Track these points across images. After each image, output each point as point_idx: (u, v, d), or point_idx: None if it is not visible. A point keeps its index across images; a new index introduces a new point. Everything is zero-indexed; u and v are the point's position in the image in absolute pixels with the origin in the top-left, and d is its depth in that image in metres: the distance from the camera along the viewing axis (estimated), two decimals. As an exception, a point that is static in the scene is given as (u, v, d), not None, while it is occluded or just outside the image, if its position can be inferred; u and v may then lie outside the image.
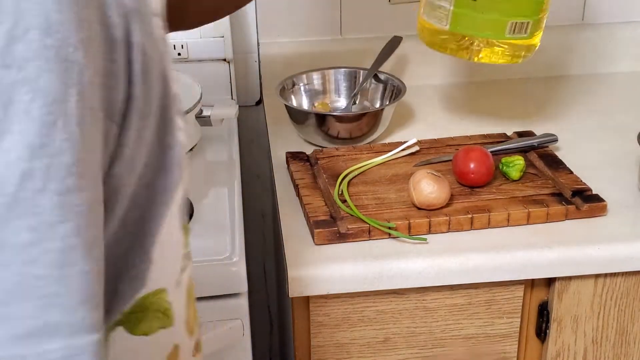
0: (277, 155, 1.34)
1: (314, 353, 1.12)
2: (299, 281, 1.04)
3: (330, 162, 1.26)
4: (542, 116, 1.46)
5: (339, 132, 1.32)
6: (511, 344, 1.15)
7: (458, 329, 1.13)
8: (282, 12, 1.57)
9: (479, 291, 1.11)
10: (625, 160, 1.29)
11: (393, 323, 1.11)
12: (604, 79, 1.64)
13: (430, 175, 1.11)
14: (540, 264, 1.07)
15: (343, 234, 1.09)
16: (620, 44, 1.64)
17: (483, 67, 1.63)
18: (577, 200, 1.14)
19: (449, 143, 1.31)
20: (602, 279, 1.11)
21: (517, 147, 1.28)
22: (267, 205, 1.74)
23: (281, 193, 1.22)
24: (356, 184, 1.20)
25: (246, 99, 1.64)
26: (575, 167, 1.24)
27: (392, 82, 1.42)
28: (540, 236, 1.10)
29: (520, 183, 1.19)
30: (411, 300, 1.10)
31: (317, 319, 1.10)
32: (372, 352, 1.13)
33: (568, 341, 1.15)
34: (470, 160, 1.16)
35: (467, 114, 1.49)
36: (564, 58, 1.64)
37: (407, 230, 1.09)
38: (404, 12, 1.59)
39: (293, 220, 1.15)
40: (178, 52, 1.48)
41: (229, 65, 1.51)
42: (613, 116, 1.46)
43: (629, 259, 1.08)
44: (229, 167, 1.33)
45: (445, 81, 1.63)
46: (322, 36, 1.59)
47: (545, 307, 1.14)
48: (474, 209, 1.12)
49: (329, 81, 1.47)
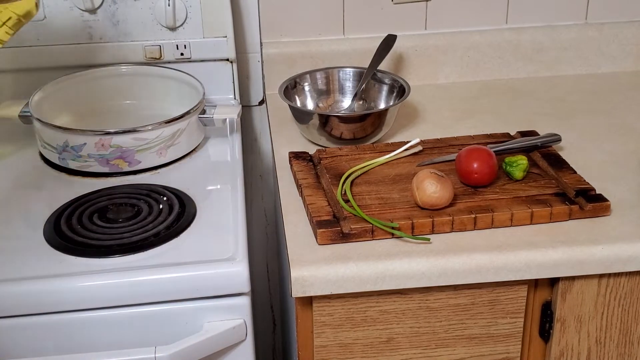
0: (280, 155, 1.34)
1: (317, 353, 1.12)
2: (302, 281, 1.04)
3: (333, 162, 1.26)
4: (545, 116, 1.46)
5: (342, 132, 1.32)
6: (514, 344, 1.15)
7: (461, 329, 1.13)
8: (284, 12, 1.57)
9: (483, 291, 1.10)
10: (629, 160, 1.29)
11: (396, 323, 1.11)
12: (607, 78, 1.63)
13: (434, 175, 1.11)
14: (544, 264, 1.07)
15: (346, 233, 1.08)
16: (623, 44, 1.64)
17: (486, 67, 1.63)
18: (581, 200, 1.14)
19: (452, 143, 1.31)
20: (605, 279, 1.11)
21: (520, 146, 1.28)
22: (270, 205, 1.74)
23: (284, 193, 1.22)
24: (359, 184, 1.20)
25: (249, 99, 1.64)
26: (579, 166, 1.24)
27: (396, 82, 1.42)
28: (543, 236, 1.09)
29: (523, 183, 1.18)
30: (414, 300, 1.10)
31: (320, 319, 1.10)
32: (376, 352, 1.13)
33: (572, 341, 1.15)
34: (474, 160, 1.16)
35: (470, 113, 1.49)
36: (568, 57, 1.64)
37: (410, 230, 1.09)
38: (407, 12, 1.59)
39: (296, 220, 1.15)
40: (181, 52, 1.48)
41: (232, 65, 1.52)
42: (616, 116, 1.46)
43: (632, 259, 1.08)
44: (232, 167, 1.33)
45: (448, 81, 1.63)
46: (325, 36, 1.59)
47: (548, 307, 1.14)
48: (477, 208, 1.12)
49: (333, 81, 1.47)
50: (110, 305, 1.05)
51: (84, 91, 1.46)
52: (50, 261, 1.08)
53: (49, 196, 1.26)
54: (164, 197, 1.22)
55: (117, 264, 1.08)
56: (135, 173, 1.30)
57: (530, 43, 1.62)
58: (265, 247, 1.78)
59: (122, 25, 1.47)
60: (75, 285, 1.04)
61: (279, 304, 1.82)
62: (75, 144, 1.28)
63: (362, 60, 1.55)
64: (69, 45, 1.44)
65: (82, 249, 1.10)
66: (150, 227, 1.15)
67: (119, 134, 1.27)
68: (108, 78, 1.41)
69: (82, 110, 1.45)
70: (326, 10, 1.58)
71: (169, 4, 1.44)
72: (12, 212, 1.22)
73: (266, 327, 1.86)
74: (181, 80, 1.46)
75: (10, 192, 1.28)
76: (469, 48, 1.61)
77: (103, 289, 1.05)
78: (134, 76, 1.46)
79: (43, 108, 1.36)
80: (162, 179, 1.29)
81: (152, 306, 1.06)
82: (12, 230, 1.17)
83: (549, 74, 1.65)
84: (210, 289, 1.06)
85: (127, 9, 1.45)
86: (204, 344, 1.06)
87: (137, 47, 1.48)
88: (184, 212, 1.19)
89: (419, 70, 1.62)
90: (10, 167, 1.35)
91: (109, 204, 1.21)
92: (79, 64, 1.47)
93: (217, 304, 1.07)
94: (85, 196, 1.24)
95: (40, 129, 1.32)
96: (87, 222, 1.16)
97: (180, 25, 1.47)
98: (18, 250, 1.11)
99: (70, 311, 1.05)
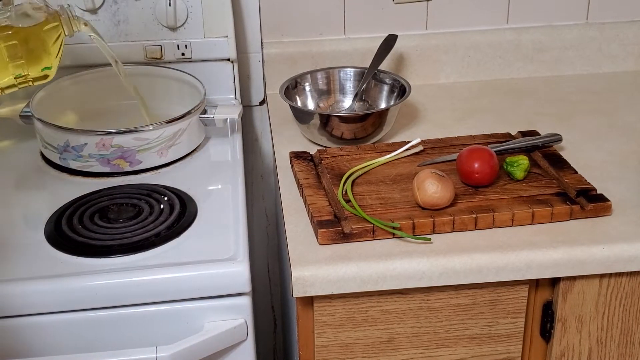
0: (280, 155, 1.34)
1: (318, 353, 1.12)
2: (303, 281, 1.04)
3: (334, 162, 1.26)
4: (546, 115, 1.46)
5: (343, 132, 1.32)
6: (515, 344, 1.15)
7: (462, 329, 1.13)
8: (285, 12, 1.57)
9: (484, 291, 1.10)
10: (630, 159, 1.29)
11: (397, 323, 1.11)
12: (608, 78, 1.63)
13: (435, 175, 1.11)
14: (545, 264, 1.07)
15: (347, 233, 1.08)
16: (624, 44, 1.64)
17: (487, 67, 1.62)
18: (582, 200, 1.14)
19: (453, 143, 1.31)
20: (606, 279, 1.11)
21: (521, 146, 1.28)
22: (270, 205, 1.74)
23: (285, 193, 1.22)
24: (360, 184, 1.20)
25: (250, 99, 1.64)
26: (580, 166, 1.24)
27: (397, 82, 1.42)
28: (544, 236, 1.09)
29: (524, 183, 1.18)
30: (415, 300, 1.10)
31: (321, 319, 1.10)
32: (377, 352, 1.13)
33: (573, 341, 1.15)
34: (475, 160, 1.16)
35: (471, 113, 1.49)
36: (569, 57, 1.64)
37: (411, 230, 1.09)
38: (408, 12, 1.59)
39: (297, 220, 1.15)
40: (182, 52, 1.49)
41: (233, 65, 1.52)
42: (617, 116, 1.46)
43: (633, 259, 1.08)
44: (233, 167, 1.33)
45: (449, 81, 1.63)
46: (326, 36, 1.59)
47: (549, 307, 1.14)
48: (478, 208, 1.12)
49: (333, 81, 1.47)
50: (111, 305, 1.05)
51: (85, 91, 1.46)
52: (51, 261, 1.08)
53: (50, 196, 1.26)
54: (164, 197, 1.22)
55: (118, 264, 1.08)
56: (136, 173, 1.30)
57: (531, 43, 1.62)
58: (266, 247, 1.78)
59: (123, 25, 1.47)
60: (76, 286, 1.04)
61: (280, 303, 1.82)
62: (77, 144, 1.28)
63: (362, 60, 1.55)
64: (70, 45, 1.44)
65: (83, 249, 1.10)
66: (151, 227, 1.15)
67: (120, 133, 1.27)
68: (109, 78, 1.41)
69: (83, 110, 1.45)
70: (327, 10, 1.58)
71: (170, 4, 1.44)
72: (13, 212, 1.22)
73: (267, 327, 1.86)
74: (182, 80, 1.46)
75: (11, 192, 1.28)
76: (469, 48, 1.61)
77: (104, 289, 1.05)
78: (134, 76, 1.45)
79: (44, 108, 1.36)
80: (163, 179, 1.29)
81: (153, 306, 1.06)
82: (13, 230, 1.17)
83: (549, 74, 1.65)
84: (211, 288, 1.06)
85: (128, 9, 1.45)
86: (205, 344, 1.06)
87: (138, 47, 1.48)
88: (185, 212, 1.19)
89: (420, 70, 1.62)
90: (11, 167, 1.35)
91: (110, 204, 1.21)
92: (80, 64, 1.47)
93: (218, 303, 1.07)
94: (86, 196, 1.24)
95: (42, 129, 1.32)
96: (88, 222, 1.16)
97: (181, 25, 1.47)
98: (19, 250, 1.11)
99: (71, 311, 1.05)
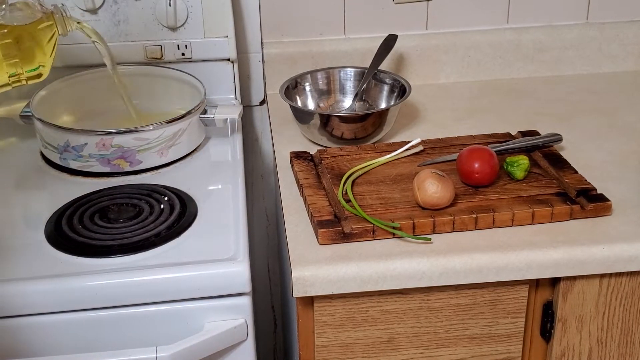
0: (281, 155, 1.34)
1: (318, 353, 1.12)
2: (303, 281, 1.04)
3: (334, 162, 1.26)
4: (546, 115, 1.46)
5: (343, 132, 1.32)
6: (516, 343, 1.15)
7: (462, 328, 1.13)
8: (285, 12, 1.57)
9: (484, 291, 1.10)
10: (630, 159, 1.29)
11: (397, 323, 1.11)
12: (608, 78, 1.63)
13: (435, 175, 1.11)
14: (545, 264, 1.07)
15: (347, 233, 1.08)
16: (624, 43, 1.64)
17: (487, 67, 1.62)
18: (582, 199, 1.14)
19: (453, 142, 1.31)
20: (607, 279, 1.11)
21: (521, 146, 1.28)
22: (271, 205, 1.74)
23: (285, 193, 1.22)
24: (360, 184, 1.20)
25: (250, 99, 1.64)
26: (580, 166, 1.24)
27: (397, 82, 1.42)
28: (544, 236, 1.09)
29: (524, 183, 1.18)
30: (415, 300, 1.10)
31: (321, 319, 1.10)
32: (377, 352, 1.13)
33: (573, 341, 1.15)
34: (475, 160, 1.16)
35: (471, 113, 1.49)
36: (569, 57, 1.64)
37: (411, 230, 1.09)
38: (408, 12, 1.59)
39: (297, 220, 1.15)
40: (182, 52, 1.48)
41: (233, 65, 1.52)
42: (617, 116, 1.46)
43: (634, 259, 1.08)
44: (233, 167, 1.33)
45: (449, 81, 1.63)
46: (326, 36, 1.59)
47: (549, 307, 1.14)
48: (478, 208, 1.12)
49: (334, 81, 1.47)
50: (111, 305, 1.05)
51: (85, 91, 1.46)
52: (51, 261, 1.08)
53: (50, 196, 1.26)
54: (165, 197, 1.22)
55: (118, 264, 1.08)
56: (136, 173, 1.30)
57: (531, 43, 1.62)
58: (266, 247, 1.78)
59: (123, 25, 1.47)
60: (76, 286, 1.04)
61: (280, 303, 1.82)
62: (77, 144, 1.28)
63: (363, 60, 1.55)
64: (70, 45, 1.44)
65: (83, 249, 1.10)
66: (152, 227, 1.15)
67: (120, 133, 1.27)
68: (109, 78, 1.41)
69: (83, 110, 1.45)
70: (327, 10, 1.58)
71: (170, 4, 1.44)
72: (14, 212, 1.22)
73: (267, 327, 1.86)
74: (182, 80, 1.46)
75: (11, 192, 1.28)
76: (470, 48, 1.61)
77: (104, 289, 1.05)
78: (134, 76, 1.46)
79: (44, 108, 1.36)
80: (163, 179, 1.29)
81: (153, 306, 1.06)
82: (13, 230, 1.17)
83: (550, 74, 1.65)
84: (211, 288, 1.06)
85: (128, 9, 1.45)
86: (205, 344, 1.06)
87: (138, 47, 1.48)
88: (185, 212, 1.19)
89: (420, 70, 1.61)
90: (11, 167, 1.35)
91: (110, 204, 1.21)
92: (80, 64, 1.47)
93: (218, 303, 1.07)
94: (86, 196, 1.24)
95: (42, 128, 1.32)
96: (88, 222, 1.16)
97: (182, 25, 1.47)
98: (19, 250, 1.11)
99: (71, 311, 1.05)
